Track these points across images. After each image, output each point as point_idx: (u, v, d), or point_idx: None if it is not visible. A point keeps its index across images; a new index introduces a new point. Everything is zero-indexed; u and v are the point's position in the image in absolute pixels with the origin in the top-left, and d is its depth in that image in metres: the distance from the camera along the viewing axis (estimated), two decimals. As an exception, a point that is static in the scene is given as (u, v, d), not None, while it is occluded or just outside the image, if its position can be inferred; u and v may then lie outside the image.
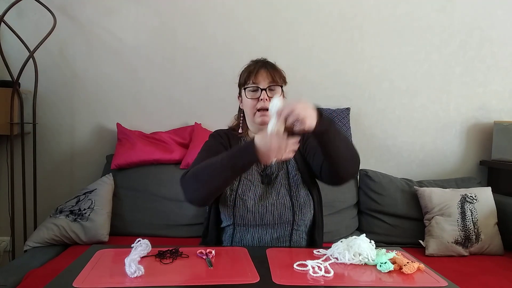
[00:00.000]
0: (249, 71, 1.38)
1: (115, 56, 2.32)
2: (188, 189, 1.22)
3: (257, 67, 1.37)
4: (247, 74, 1.38)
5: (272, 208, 1.30)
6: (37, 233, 1.85)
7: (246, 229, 1.32)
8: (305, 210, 1.34)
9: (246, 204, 1.30)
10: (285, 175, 1.38)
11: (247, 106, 1.39)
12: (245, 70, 1.41)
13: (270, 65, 1.39)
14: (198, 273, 1.02)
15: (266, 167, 1.39)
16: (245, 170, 1.25)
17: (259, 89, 1.35)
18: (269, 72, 1.36)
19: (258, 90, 1.35)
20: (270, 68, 1.37)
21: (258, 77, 1.36)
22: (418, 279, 1.05)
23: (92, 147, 2.34)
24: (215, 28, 2.34)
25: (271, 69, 1.37)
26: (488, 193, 2.04)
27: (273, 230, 1.31)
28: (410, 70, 2.44)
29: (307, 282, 1.00)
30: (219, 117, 2.29)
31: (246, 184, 1.34)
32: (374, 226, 2.13)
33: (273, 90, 1.36)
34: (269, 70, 1.37)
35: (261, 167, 1.39)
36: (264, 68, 1.37)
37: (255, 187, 1.34)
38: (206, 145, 1.42)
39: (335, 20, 2.39)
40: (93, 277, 0.97)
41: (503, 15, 2.44)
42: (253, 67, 1.38)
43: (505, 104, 2.48)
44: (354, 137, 2.32)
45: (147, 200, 2.06)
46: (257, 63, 1.40)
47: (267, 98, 1.34)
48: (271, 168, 1.39)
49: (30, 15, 2.24)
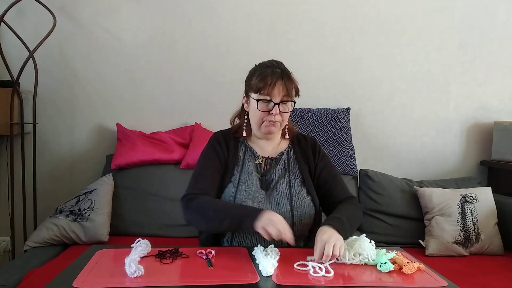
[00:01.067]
0: (265, 81, 1.29)
1: (115, 56, 2.32)
2: (188, 215, 1.28)
3: (274, 78, 1.30)
4: (263, 84, 1.30)
5: None
6: (37, 233, 1.85)
7: (245, 235, 1.32)
8: (306, 221, 1.33)
9: None
10: (287, 184, 1.36)
11: (256, 115, 1.34)
12: (260, 75, 1.32)
13: (286, 76, 1.32)
14: (198, 273, 1.02)
15: (266, 172, 1.38)
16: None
17: (272, 103, 1.30)
18: (285, 85, 1.30)
19: (271, 103, 1.31)
20: (286, 80, 1.31)
21: (274, 90, 1.29)
22: (418, 279, 1.05)
23: (92, 147, 2.34)
24: (215, 28, 2.34)
25: (287, 82, 1.31)
26: (488, 193, 2.04)
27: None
28: (410, 70, 2.44)
29: (307, 282, 1.00)
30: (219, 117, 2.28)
31: (245, 189, 1.33)
32: (374, 226, 2.13)
33: (285, 104, 1.33)
34: (286, 82, 1.31)
35: (261, 172, 1.38)
36: (281, 80, 1.30)
37: (253, 193, 1.32)
38: (203, 156, 1.40)
39: (335, 20, 2.39)
40: (93, 277, 0.97)
41: (503, 15, 2.44)
42: (269, 78, 1.30)
43: (505, 104, 2.48)
44: (354, 137, 2.32)
45: (147, 200, 2.06)
46: (273, 74, 1.31)
47: (278, 113, 1.31)
48: (271, 175, 1.38)
49: (30, 15, 2.24)
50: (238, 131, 1.44)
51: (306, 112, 2.29)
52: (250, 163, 1.39)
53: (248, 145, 1.43)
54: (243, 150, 1.42)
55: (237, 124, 1.47)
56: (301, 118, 2.26)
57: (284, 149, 1.44)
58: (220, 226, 1.22)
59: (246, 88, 1.39)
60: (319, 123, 2.26)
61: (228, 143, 1.41)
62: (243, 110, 1.44)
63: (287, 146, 1.45)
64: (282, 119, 1.34)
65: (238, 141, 1.44)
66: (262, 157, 1.40)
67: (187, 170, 2.13)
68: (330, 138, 2.24)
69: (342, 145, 2.24)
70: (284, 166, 1.40)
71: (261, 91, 1.31)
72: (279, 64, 1.36)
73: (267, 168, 1.39)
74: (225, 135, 1.43)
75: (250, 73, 1.39)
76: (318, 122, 2.26)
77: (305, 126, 2.24)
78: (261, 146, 1.43)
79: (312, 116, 2.28)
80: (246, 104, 1.40)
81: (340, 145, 2.24)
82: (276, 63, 1.37)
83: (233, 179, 1.36)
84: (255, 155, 1.41)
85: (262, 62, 1.39)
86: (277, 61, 1.38)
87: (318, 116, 2.28)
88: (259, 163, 1.40)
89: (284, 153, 1.43)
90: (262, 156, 1.40)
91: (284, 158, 1.42)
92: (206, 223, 1.24)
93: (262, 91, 1.30)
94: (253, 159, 1.40)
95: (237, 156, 1.40)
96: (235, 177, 1.36)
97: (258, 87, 1.31)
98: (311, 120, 2.27)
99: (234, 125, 1.48)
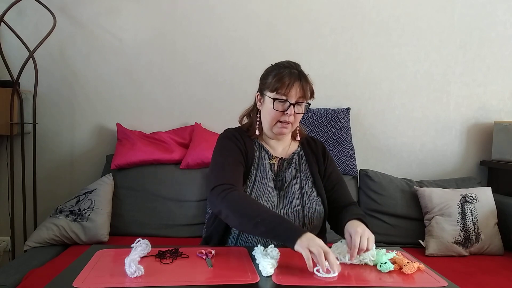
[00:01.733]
0: (282, 81, 1.29)
1: (115, 56, 2.32)
2: (222, 207, 1.20)
3: (292, 79, 1.29)
4: (280, 84, 1.29)
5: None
6: (37, 233, 1.85)
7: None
8: (316, 223, 1.33)
9: None
10: (298, 185, 1.36)
11: (269, 114, 1.33)
12: (277, 75, 1.31)
13: (304, 78, 1.32)
14: (198, 273, 1.02)
15: (279, 172, 1.38)
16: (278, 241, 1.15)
17: (288, 103, 1.30)
18: (301, 87, 1.30)
19: (286, 103, 1.30)
20: (304, 82, 1.31)
21: (291, 90, 1.29)
22: (418, 279, 1.05)
23: (92, 147, 2.34)
24: (214, 28, 2.34)
25: (304, 83, 1.31)
26: (488, 193, 2.04)
27: None
28: (410, 70, 2.44)
29: (307, 282, 1.00)
30: (219, 117, 2.31)
31: (260, 188, 1.32)
32: (374, 226, 2.13)
33: (300, 105, 1.32)
34: (303, 84, 1.30)
35: (275, 172, 1.38)
36: (299, 81, 1.30)
37: (269, 192, 1.32)
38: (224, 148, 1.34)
39: (335, 20, 2.39)
40: (93, 277, 0.97)
41: (503, 15, 2.44)
42: (287, 78, 1.29)
43: (505, 104, 2.48)
44: (354, 137, 2.32)
45: (147, 200, 2.06)
46: (292, 74, 1.30)
47: (293, 113, 1.31)
48: (284, 175, 1.37)
49: (30, 15, 2.24)
50: (250, 130, 1.41)
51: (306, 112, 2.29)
52: (265, 162, 1.38)
53: (261, 144, 1.41)
54: (258, 149, 1.40)
55: (248, 122, 1.44)
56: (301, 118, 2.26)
57: (295, 150, 1.43)
58: (254, 229, 1.14)
59: (261, 87, 1.37)
60: (319, 123, 2.26)
61: (244, 139, 1.38)
62: (255, 108, 1.42)
63: (297, 148, 1.45)
64: (294, 120, 1.34)
65: (251, 139, 1.41)
66: (276, 157, 1.40)
67: (187, 170, 2.13)
68: (330, 138, 2.24)
69: (342, 145, 2.24)
70: (296, 168, 1.40)
71: (278, 90, 1.30)
72: (296, 65, 1.36)
73: (280, 168, 1.39)
74: (239, 132, 1.40)
75: (266, 72, 1.37)
76: (318, 122, 2.26)
77: (305, 126, 2.24)
78: (272, 146, 1.42)
79: (312, 116, 2.28)
80: (259, 103, 1.38)
81: (340, 145, 2.24)
82: (293, 64, 1.36)
83: (250, 176, 1.35)
84: (269, 154, 1.40)
85: (279, 62, 1.37)
86: (294, 62, 1.37)
87: (318, 116, 2.28)
88: (272, 163, 1.39)
89: (295, 154, 1.42)
90: (276, 157, 1.40)
91: (295, 159, 1.41)
92: (240, 221, 1.16)
93: (279, 90, 1.29)
94: (267, 158, 1.39)
95: (254, 153, 1.38)
96: (251, 174, 1.35)
97: (276, 87, 1.30)
98: (311, 120, 2.27)
99: (244, 124, 1.46)
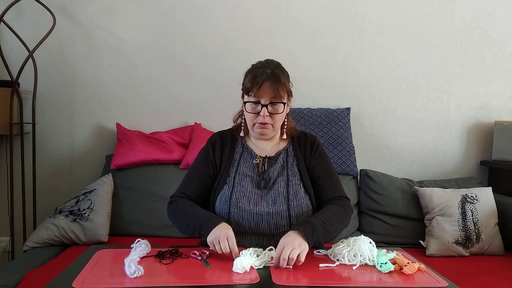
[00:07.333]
0: (253, 82, 1.27)
1: (115, 55, 2.31)
2: (168, 217, 1.36)
3: (261, 79, 1.26)
4: (250, 84, 1.27)
5: (268, 217, 1.29)
6: (36, 233, 1.85)
7: (243, 236, 1.32)
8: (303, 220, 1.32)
9: (241, 213, 1.29)
10: (285, 182, 1.34)
11: (247, 116, 1.34)
12: (250, 74, 1.30)
13: (275, 78, 1.27)
14: (198, 274, 1.02)
15: (265, 171, 1.37)
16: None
17: (260, 104, 1.29)
18: (272, 87, 1.26)
19: (259, 105, 1.29)
20: (274, 82, 1.26)
21: (261, 91, 1.26)
22: (418, 279, 1.05)
23: (92, 147, 2.33)
24: (214, 27, 2.34)
25: (275, 84, 1.26)
26: (488, 193, 2.03)
27: (270, 238, 1.31)
28: (410, 70, 2.44)
29: (307, 282, 1.00)
30: (219, 117, 2.30)
31: (240, 190, 1.32)
32: (375, 226, 2.13)
33: (275, 105, 1.29)
34: (272, 85, 1.26)
35: (259, 171, 1.37)
36: (268, 81, 1.26)
37: (249, 193, 1.32)
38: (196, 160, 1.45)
39: (335, 20, 2.39)
40: (93, 278, 0.97)
41: (503, 15, 2.44)
42: (258, 79, 1.26)
43: (506, 104, 2.48)
44: (354, 137, 2.32)
45: (147, 200, 2.06)
46: (262, 74, 1.27)
47: (267, 115, 1.29)
48: (269, 174, 1.36)
49: (29, 15, 2.23)
50: (238, 131, 1.43)
51: (306, 112, 2.29)
52: (245, 164, 1.38)
53: (246, 145, 1.42)
54: (240, 151, 1.41)
55: (238, 124, 1.46)
56: (301, 118, 2.26)
57: (283, 148, 1.43)
58: (187, 230, 1.27)
59: (242, 89, 1.37)
60: (319, 123, 2.26)
61: (224, 144, 1.40)
62: (241, 112, 1.43)
63: (286, 145, 1.44)
64: (273, 121, 1.32)
65: (236, 141, 1.43)
66: (260, 157, 1.39)
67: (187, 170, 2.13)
68: (330, 138, 2.24)
69: (342, 145, 2.24)
70: (282, 164, 1.38)
71: (249, 92, 1.29)
72: (271, 64, 1.32)
73: (265, 167, 1.38)
74: (223, 136, 1.43)
75: (245, 74, 1.36)
76: (318, 122, 2.26)
77: (305, 126, 2.24)
78: (259, 146, 1.42)
79: (312, 116, 2.27)
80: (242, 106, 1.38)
81: (340, 145, 2.24)
82: (268, 63, 1.32)
83: (228, 180, 1.35)
84: (253, 154, 1.40)
85: (258, 62, 1.35)
86: (272, 61, 1.34)
87: (318, 116, 2.28)
88: (256, 162, 1.38)
89: (283, 151, 1.42)
90: (260, 156, 1.40)
91: (282, 156, 1.40)
92: (178, 226, 1.31)
93: (250, 92, 1.29)
94: (250, 159, 1.39)
95: (233, 157, 1.40)
96: (230, 178, 1.35)
97: (247, 88, 1.30)
98: (311, 120, 2.26)
99: (235, 125, 1.47)
